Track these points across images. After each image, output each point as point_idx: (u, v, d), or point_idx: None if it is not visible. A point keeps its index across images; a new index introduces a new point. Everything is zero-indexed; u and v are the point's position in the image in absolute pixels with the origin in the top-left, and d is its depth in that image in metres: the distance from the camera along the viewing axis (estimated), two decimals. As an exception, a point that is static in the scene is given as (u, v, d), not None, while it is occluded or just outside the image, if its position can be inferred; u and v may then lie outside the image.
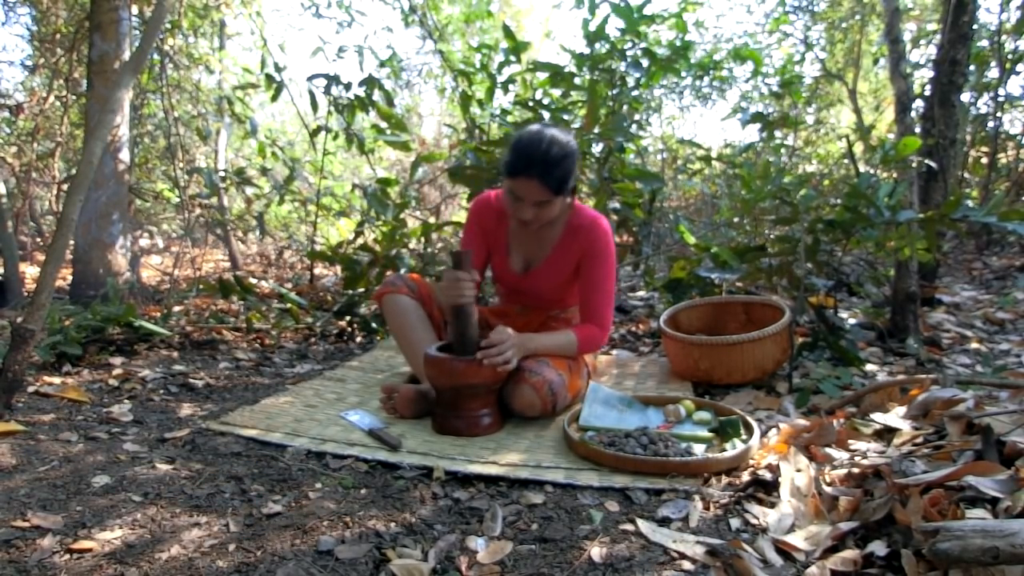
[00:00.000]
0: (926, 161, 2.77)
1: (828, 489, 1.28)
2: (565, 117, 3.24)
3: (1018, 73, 5.18)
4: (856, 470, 1.30)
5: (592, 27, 3.17)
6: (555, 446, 1.63)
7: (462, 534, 1.20)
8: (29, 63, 6.10)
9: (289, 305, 3.16)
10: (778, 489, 1.32)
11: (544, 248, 2.00)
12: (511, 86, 3.49)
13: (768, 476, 1.37)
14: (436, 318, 2.05)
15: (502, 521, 1.25)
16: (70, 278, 3.59)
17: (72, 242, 3.25)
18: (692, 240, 2.92)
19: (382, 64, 4.21)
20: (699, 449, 1.55)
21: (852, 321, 2.77)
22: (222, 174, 4.50)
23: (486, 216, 2.05)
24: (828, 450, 1.48)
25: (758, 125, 3.81)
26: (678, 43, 3.25)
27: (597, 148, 3.38)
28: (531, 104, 3.29)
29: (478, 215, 2.07)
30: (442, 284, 1.71)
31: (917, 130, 2.90)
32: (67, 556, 1.09)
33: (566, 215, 1.97)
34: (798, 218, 2.43)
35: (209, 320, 3.04)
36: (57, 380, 2.14)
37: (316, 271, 5.03)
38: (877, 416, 1.62)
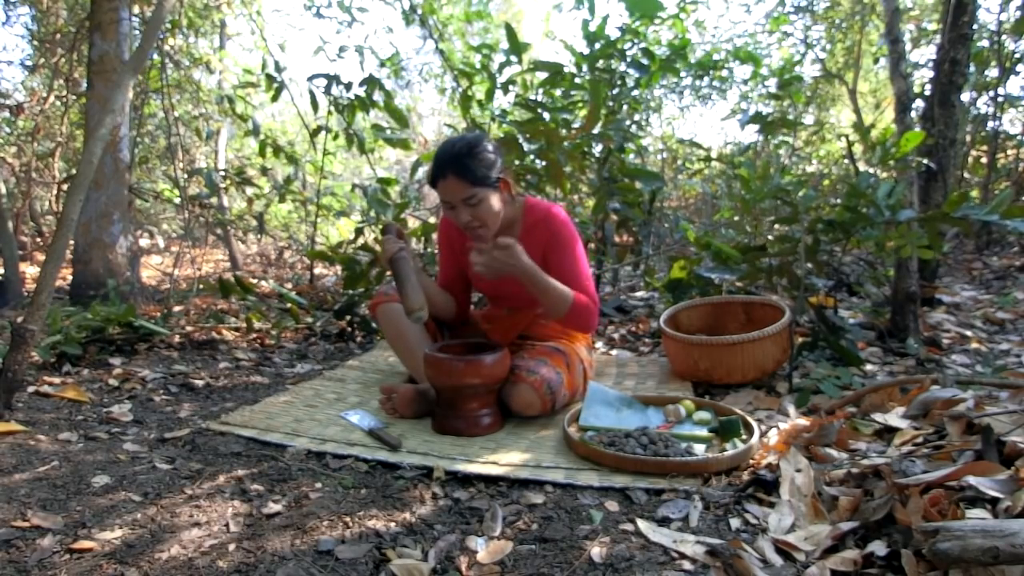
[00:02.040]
0: (925, 161, 2.77)
1: (828, 489, 1.28)
2: (565, 117, 3.24)
3: (1018, 73, 5.18)
4: (856, 470, 1.30)
5: (592, 27, 3.18)
6: (555, 446, 1.63)
7: (462, 534, 1.20)
8: (29, 63, 6.10)
9: (289, 305, 3.16)
10: (778, 489, 1.32)
11: None
12: (511, 86, 3.49)
13: (768, 476, 1.37)
14: (430, 324, 2.05)
15: (502, 521, 1.25)
16: (70, 278, 3.59)
17: (72, 242, 3.25)
18: (693, 236, 2.92)
19: (382, 64, 4.22)
20: (699, 449, 1.55)
21: (852, 321, 2.77)
22: (222, 174, 4.50)
23: (451, 232, 2.06)
24: (828, 450, 1.48)
25: (757, 126, 3.81)
26: (677, 43, 3.25)
27: (597, 148, 3.38)
28: (531, 104, 3.29)
29: (445, 233, 2.09)
30: (380, 252, 1.76)
31: (917, 130, 2.90)
32: (67, 556, 1.09)
33: (520, 215, 1.95)
34: (798, 218, 2.43)
35: (209, 320, 3.04)
36: (57, 380, 2.14)
37: (316, 271, 5.03)
38: (877, 416, 1.62)
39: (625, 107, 3.49)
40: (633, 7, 3.04)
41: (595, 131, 3.09)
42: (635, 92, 3.47)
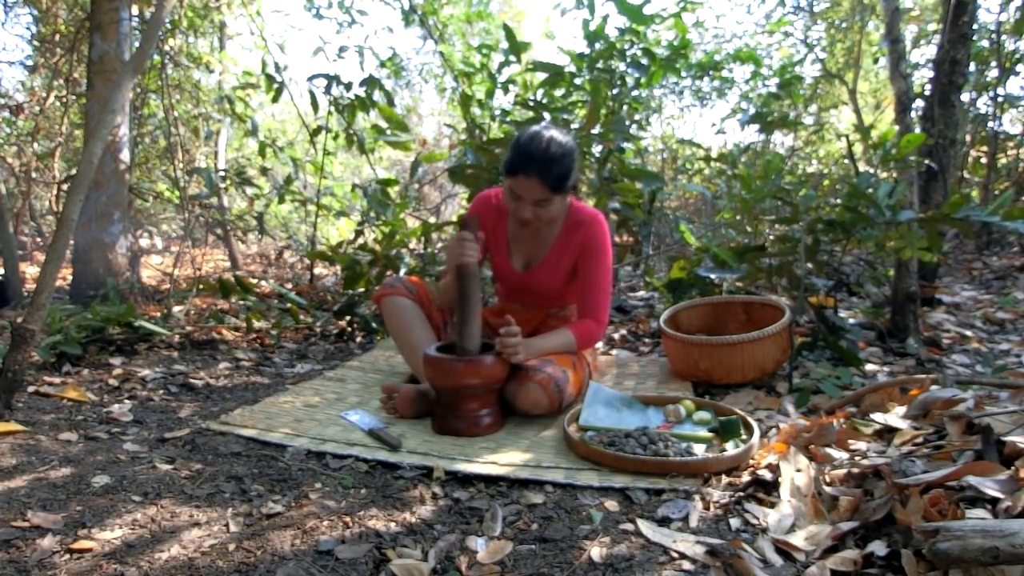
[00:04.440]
0: (926, 161, 2.77)
1: (828, 489, 1.28)
2: (565, 117, 3.24)
3: (1018, 73, 5.18)
4: (856, 470, 1.30)
5: (592, 27, 3.17)
6: (555, 446, 1.63)
7: (462, 534, 1.20)
8: (29, 63, 6.10)
9: (289, 305, 3.16)
10: (778, 489, 1.32)
11: (544, 246, 2.01)
12: (511, 86, 3.49)
13: (768, 476, 1.37)
14: (435, 319, 2.05)
15: (502, 521, 1.25)
16: (70, 278, 3.59)
17: (72, 242, 3.25)
18: (692, 240, 2.92)
19: (382, 64, 4.22)
20: (699, 449, 1.55)
21: (852, 321, 2.77)
22: (222, 174, 4.50)
23: (486, 214, 2.07)
24: (828, 450, 1.48)
25: (758, 126, 3.81)
26: (677, 43, 3.25)
27: (597, 148, 3.38)
28: (531, 104, 3.29)
29: (479, 213, 2.08)
30: (448, 245, 1.74)
31: (917, 130, 2.90)
32: (67, 556, 1.09)
33: (565, 213, 1.98)
34: (798, 218, 2.43)
35: (209, 320, 3.03)
36: (57, 380, 2.14)
37: (316, 271, 5.03)
38: (877, 416, 1.62)
39: (625, 107, 3.49)
40: (623, 11, 3.05)
41: (595, 131, 3.10)
42: (635, 92, 3.47)
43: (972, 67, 4.56)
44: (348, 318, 3.07)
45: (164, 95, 4.52)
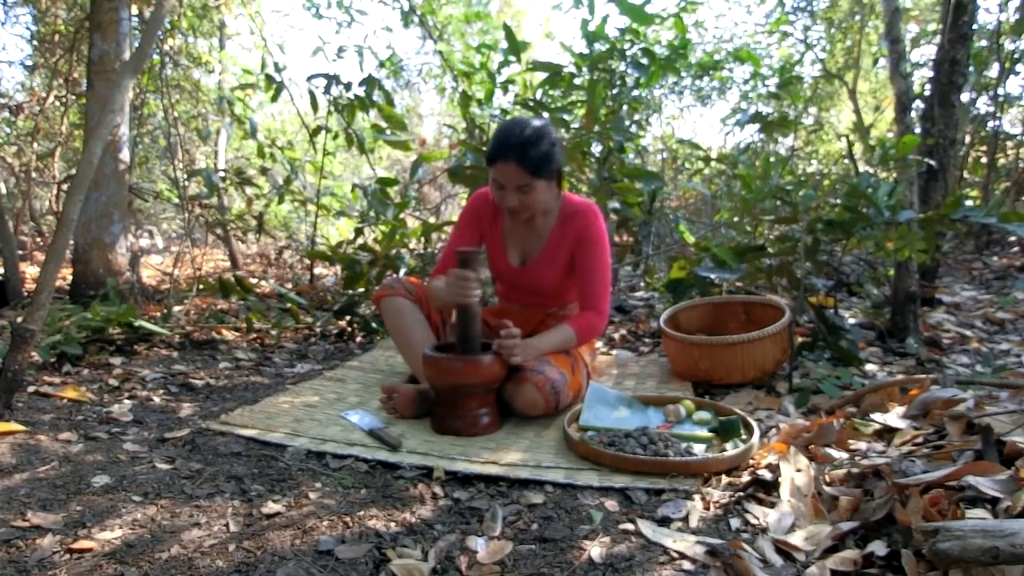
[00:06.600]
0: (926, 160, 2.77)
1: (828, 489, 1.28)
2: (565, 117, 3.24)
3: (1018, 73, 5.19)
4: (856, 470, 1.30)
5: (592, 27, 3.17)
6: (555, 446, 1.63)
7: (462, 534, 1.20)
8: (29, 63, 6.10)
9: (289, 305, 3.16)
10: (778, 489, 1.32)
11: (539, 240, 2.02)
12: (511, 86, 3.49)
13: (768, 476, 1.37)
14: (434, 320, 2.05)
15: (502, 521, 1.25)
16: (70, 278, 3.59)
17: (72, 242, 3.24)
18: (692, 240, 2.92)
19: (382, 64, 4.22)
20: (699, 449, 1.55)
21: (852, 321, 2.77)
22: (222, 174, 4.50)
23: (484, 210, 2.09)
24: (828, 450, 1.48)
25: (757, 126, 3.81)
26: (677, 43, 3.25)
27: (597, 148, 3.38)
28: (531, 104, 3.29)
29: (476, 208, 2.10)
30: (448, 282, 1.70)
31: (917, 130, 2.90)
32: (67, 556, 1.09)
33: (558, 206, 1.98)
34: (798, 218, 2.43)
35: (209, 320, 3.03)
36: (57, 380, 2.14)
37: (316, 271, 5.03)
38: (877, 416, 1.62)
39: (625, 107, 3.49)
40: (624, 11, 3.05)
41: (595, 131, 3.10)
42: (635, 92, 3.47)
43: (972, 67, 4.55)
44: (348, 318, 3.06)
45: (164, 95, 4.52)
